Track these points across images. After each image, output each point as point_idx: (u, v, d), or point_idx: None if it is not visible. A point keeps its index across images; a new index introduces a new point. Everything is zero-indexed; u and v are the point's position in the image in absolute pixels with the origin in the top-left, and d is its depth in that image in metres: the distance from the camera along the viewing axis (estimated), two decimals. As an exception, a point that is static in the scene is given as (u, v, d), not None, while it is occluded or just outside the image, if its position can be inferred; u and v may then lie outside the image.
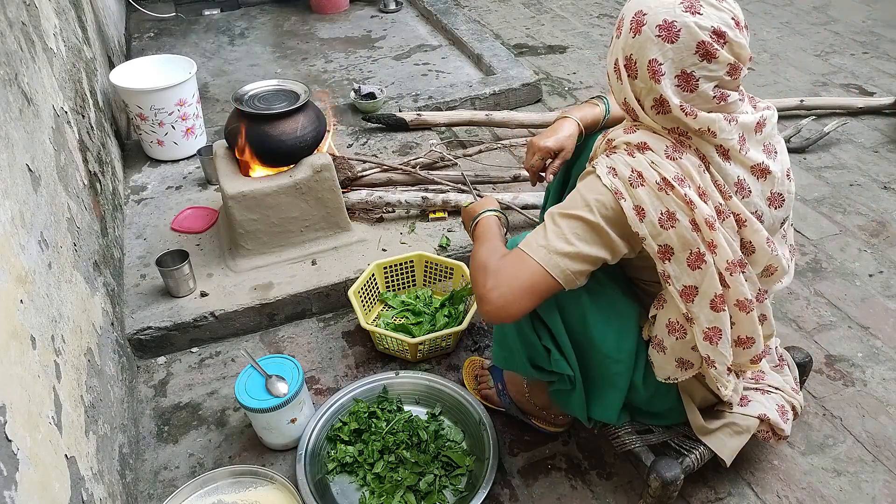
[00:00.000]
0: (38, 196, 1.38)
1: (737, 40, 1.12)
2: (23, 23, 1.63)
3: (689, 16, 1.09)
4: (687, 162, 1.16)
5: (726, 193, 1.18)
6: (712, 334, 1.22)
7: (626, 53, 1.16)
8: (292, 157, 2.02)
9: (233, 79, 3.49)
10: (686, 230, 1.14)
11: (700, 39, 1.09)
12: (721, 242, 1.16)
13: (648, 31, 1.11)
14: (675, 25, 1.09)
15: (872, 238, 2.33)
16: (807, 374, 1.66)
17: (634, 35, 1.14)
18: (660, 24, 1.10)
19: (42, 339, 1.19)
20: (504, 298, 1.16)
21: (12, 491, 0.92)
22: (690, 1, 1.10)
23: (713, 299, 1.19)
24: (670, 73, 1.12)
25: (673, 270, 1.19)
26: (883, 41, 3.79)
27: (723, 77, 1.13)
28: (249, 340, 2.00)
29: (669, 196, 1.14)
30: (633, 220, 1.15)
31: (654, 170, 1.15)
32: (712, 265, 1.17)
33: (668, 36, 1.10)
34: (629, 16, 1.15)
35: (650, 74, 1.13)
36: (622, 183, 1.16)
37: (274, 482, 1.53)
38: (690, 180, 1.15)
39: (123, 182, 2.52)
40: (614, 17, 4.18)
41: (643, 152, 1.17)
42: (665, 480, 1.36)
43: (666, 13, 1.10)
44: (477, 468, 1.56)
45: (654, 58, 1.12)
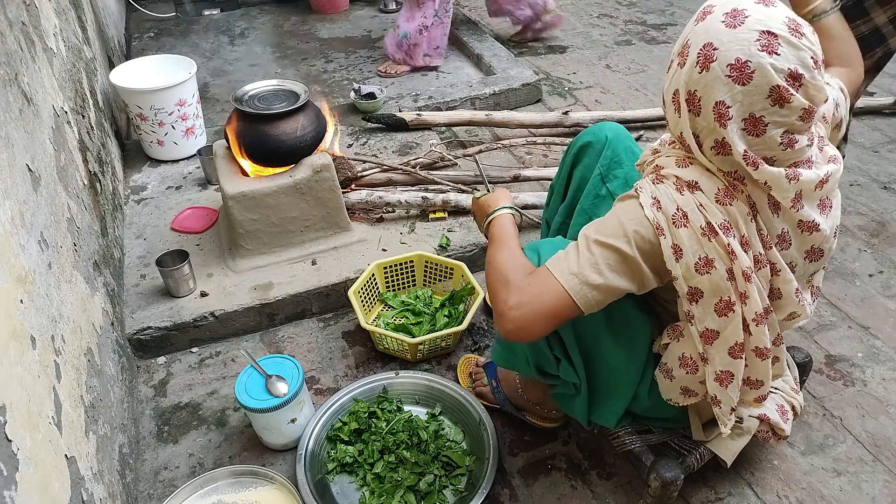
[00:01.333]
0: (38, 196, 1.38)
1: (813, 83, 1.01)
2: (23, 23, 1.63)
3: (765, 56, 0.99)
4: (736, 209, 1.10)
5: (768, 244, 1.14)
6: (724, 377, 1.21)
7: (690, 88, 1.06)
8: (292, 157, 2.02)
9: (233, 79, 3.49)
10: (721, 279, 1.11)
11: (774, 84, 0.99)
12: (753, 295, 1.12)
13: (718, 70, 1.01)
14: (749, 66, 0.99)
15: (872, 238, 2.33)
16: (807, 374, 1.66)
17: (701, 71, 1.03)
18: (731, 64, 1.00)
19: (42, 339, 1.19)
20: (527, 319, 1.12)
21: (12, 491, 0.92)
22: (768, 38, 0.99)
23: (733, 346, 1.17)
24: (738, 117, 1.03)
25: (698, 313, 1.16)
26: (883, 41, 3.78)
27: (794, 122, 1.04)
28: (249, 340, 2.00)
29: (711, 243, 1.09)
30: (669, 259, 1.11)
31: (701, 213, 1.09)
32: (739, 315, 1.14)
33: (740, 78, 1.00)
34: (697, 46, 1.04)
35: (715, 116, 1.04)
36: (665, 219, 1.10)
37: (274, 482, 1.53)
38: (736, 229, 1.10)
39: (123, 182, 2.52)
40: (614, 17, 4.19)
41: (693, 192, 1.11)
42: (665, 480, 1.36)
43: (740, 51, 1.00)
44: (477, 468, 1.56)
45: (722, 100, 1.02)
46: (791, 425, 1.46)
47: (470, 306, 1.92)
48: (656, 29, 4.03)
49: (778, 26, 1.00)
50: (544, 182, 2.53)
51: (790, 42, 1.00)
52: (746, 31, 1.00)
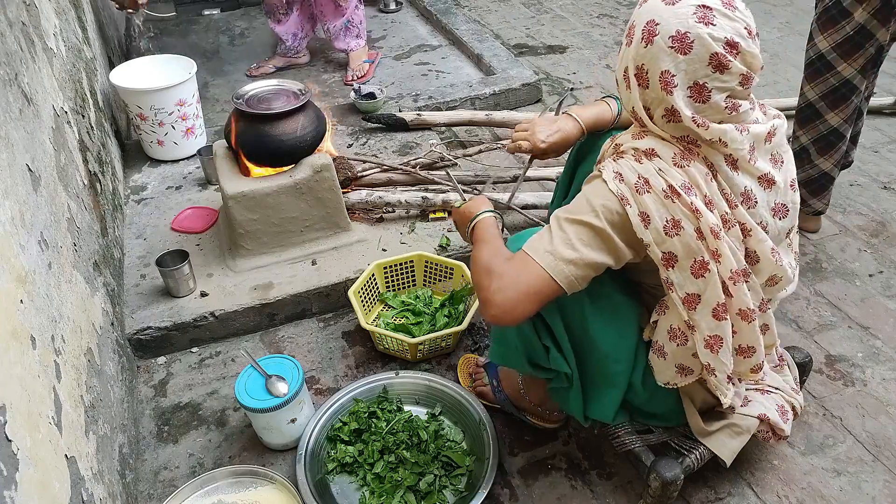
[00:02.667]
0: (38, 196, 1.38)
1: (749, 50, 1.10)
2: (23, 23, 1.63)
3: (702, 27, 1.07)
4: (694, 170, 1.15)
5: (732, 202, 1.18)
6: (713, 342, 1.22)
7: (637, 63, 1.14)
8: (292, 157, 2.02)
9: (233, 79, 3.49)
10: (691, 238, 1.14)
11: (714, 51, 1.08)
12: (725, 252, 1.16)
13: (661, 42, 1.10)
14: (689, 37, 1.08)
15: (872, 238, 2.33)
16: (807, 374, 1.66)
17: (646, 45, 1.12)
18: (672, 36, 1.09)
19: (42, 339, 1.19)
20: (509, 302, 1.16)
21: (12, 491, 0.92)
22: (704, 11, 1.08)
23: (715, 308, 1.19)
24: (683, 85, 1.11)
25: (676, 278, 1.19)
26: (883, 41, 3.78)
27: (735, 87, 1.12)
28: (249, 340, 2.00)
29: (675, 204, 1.14)
30: (639, 227, 1.15)
31: (661, 177, 1.14)
32: (716, 274, 1.17)
33: (681, 47, 1.08)
34: (640, 24, 1.13)
35: (662, 86, 1.12)
36: (628, 189, 1.15)
37: (274, 482, 1.53)
38: (697, 189, 1.14)
39: (123, 182, 2.52)
40: (614, 17, 4.19)
41: (651, 159, 1.17)
42: (665, 480, 1.36)
43: (679, 24, 1.08)
44: (477, 468, 1.56)
45: (667, 69, 1.10)
46: (791, 425, 1.47)
47: (470, 306, 1.92)
48: (656, 29, 4.02)
49: (712, 1, 1.09)
50: (545, 182, 2.53)
51: (724, 14, 1.09)
52: (684, 6, 1.10)
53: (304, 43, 3.50)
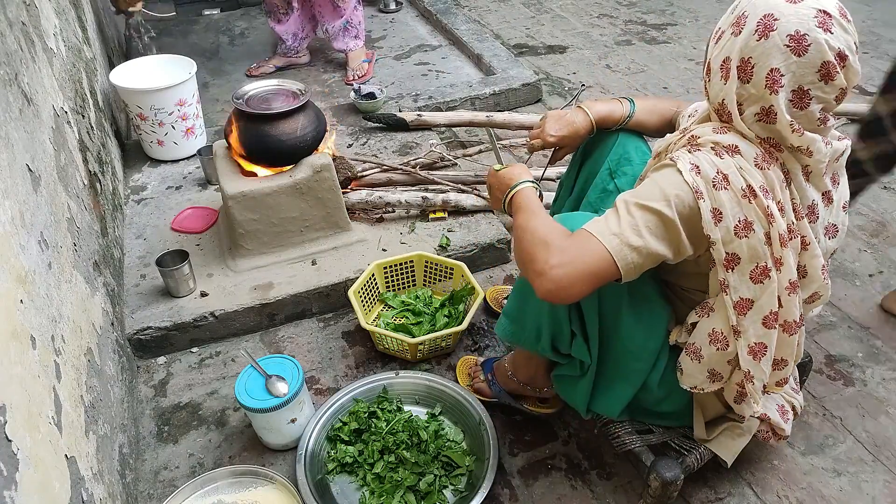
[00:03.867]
0: (38, 196, 1.38)
1: (854, 66, 1.08)
2: (23, 23, 1.63)
3: (821, 32, 1.05)
4: (773, 174, 1.13)
5: (799, 213, 1.17)
6: (758, 349, 1.21)
7: (744, 55, 1.10)
8: (292, 157, 2.02)
9: (233, 79, 3.49)
10: (759, 242, 1.13)
11: (826, 59, 1.06)
12: (788, 261, 1.15)
13: (777, 39, 1.06)
14: (807, 39, 1.05)
15: (872, 238, 2.33)
16: (807, 374, 1.66)
17: (760, 38, 1.08)
18: (791, 35, 1.05)
19: (42, 339, 1.19)
20: (567, 279, 1.11)
21: (12, 491, 0.92)
22: (824, 17, 1.05)
23: (767, 316, 1.18)
24: (788, 87, 1.09)
25: (734, 280, 1.17)
26: (883, 41, 3.79)
27: (831, 100, 1.10)
28: (249, 340, 2.00)
29: (752, 205, 1.12)
30: (709, 223, 1.12)
31: (742, 175, 1.12)
32: (775, 282, 1.16)
33: (797, 49, 1.05)
34: (755, 16, 1.09)
35: (768, 83, 1.09)
36: (704, 182, 1.12)
37: (274, 482, 1.53)
38: (773, 193, 1.13)
39: (123, 182, 2.52)
40: (614, 17, 4.19)
41: (732, 156, 1.14)
42: (665, 480, 1.36)
43: (799, 24, 1.05)
44: (477, 468, 1.56)
45: (777, 67, 1.07)
46: (791, 425, 1.46)
47: (470, 306, 1.91)
48: (656, 29, 4.03)
49: (832, 7, 1.07)
50: (544, 182, 2.53)
51: (841, 24, 1.07)
52: (806, 7, 1.06)
53: (304, 43, 3.50)
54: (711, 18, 4.15)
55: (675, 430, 1.47)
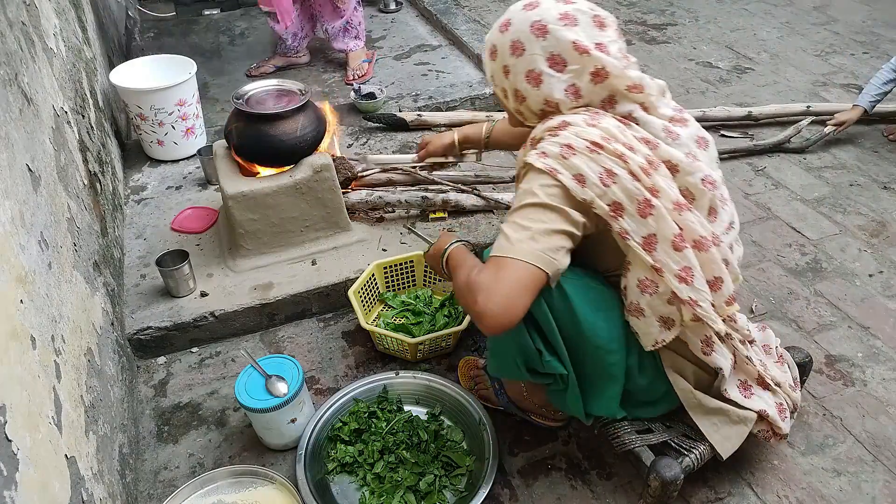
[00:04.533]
0: (38, 196, 1.38)
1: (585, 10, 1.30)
2: (23, 23, 1.63)
3: (563, 4, 1.27)
4: (606, 123, 1.24)
5: (653, 143, 1.25)
6: (685, 274, 1.24)
7: (547, 53, 1.25)
8: (292, 157, 2.02)
9: (233, 79, 3.49)
10: (627, 181, 1.20)
11: (594, 14, 1.28)
12: (661, 185, 1.22)
13: (553, 27, 1.24)
14: (568, 13, 1.25)
15: (872, 238, 2.33)
16: (807, 374, 1.66)
17: (543, 35, 1.25)
18: (554, 18, 1.25)
19: (42, 339, 1.19)
20: (499, 305, 1.16)
21: (12, 491, 0.92)
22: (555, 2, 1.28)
23: (673, 240, 1.22)
24: (592, 45, 1.25)
25: (628, 225, 1.22)
26: (883, 41, 3.79)
27: (617, 40, 1.30)
28: (249, 340, 2.00)
29: (602, 155, 1.20)
30: (577, 189, 1.20)
31: (580, 137, 1.22)
32: (661, 208, 1.21)
33: (569, 21, 1.25)
34: (525, 28, 1.27)
35: (580, 51, 1.24)
36: (554, 160, 1.22)
37: (274, 482, 1.53)
38: (615, 138, 1.22)
39: (123, 182, 2.52)
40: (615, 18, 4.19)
41: (566, 128, 1.25)
42: (665, 480, 1.36)
43: (547, 11, 1.26)
44: (477, 468, 1.56)
45: (576, 39, 1.24)
46: (790, 423, 1.46)
47: (470, 306, 1.91)
48: (656, 29, 4.03)
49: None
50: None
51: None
52: (542, 6, 1.29)
53: (304, 43, 3.50)
54: (711, 18, 4.15)
55: (676, 429, 1.47)
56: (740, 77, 3.45)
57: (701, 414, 1.43)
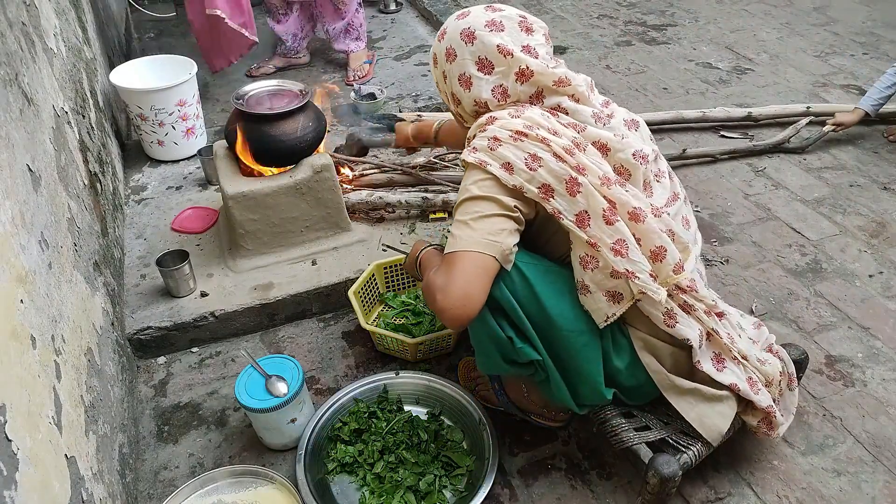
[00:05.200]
0: (39, 196, 1.38)
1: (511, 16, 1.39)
2: (23, 23, 1.63)
3: (483, 11, 1.37)
4: (530, 113, 1.31)
5: (580, 126, 1.33)
6: (619, 247, 1.27)
7: (475, 57, 1.35)
8: (292, 157, 2.02)
9: (233, 79, 3.49)
10: (552, 163, 1.27)
11: (519, 17, 1.37)
12: (586, 163, 1.28)
13: (480, 32, 1.34)
14: (495, 18, 1.35)
15: (872, 238, 2.33)
16: (803, 370, 1.65)
17: (470, 41, 1.35)
18: (481, 25, 1.34)
19: (42, 339, 1.19)
20: (456, 297, 1.24)
21: (12, 491, 0.92)
22: (483, 11, 1.38)
23: (604, 214, 1.26)
24: (517, 48, 1.33)
25: (559, 204, 1.28)
26: (883, 42, 3.79)
27: (545, 42, 1.38)
28: (249, 340, 2.00)
29: (525, 141, 1.28)
30: (505, 177, 1.27)
31: (505, 129, 1.30)
32: (588, 185, 1.26)
33: (495, 26, 1.34)
34: (455, 38, 1.37)
35: (504, 54, 1.33)
36: (483, 153, 1.30)
37: (274, 482, 1.53)
38: (538, 126, 1.29)
39: (124, 182, 2.52)
40: (614, 18, 4.19)
41: (492, 123, 1.33)
42: (663, 476, 1.36)
43: (475, 18, 1.36)
44: (477, 468, 1.56)
45: (500, 42, 1.33)
46: (766, 396, 1.44)
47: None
48: (656, 30, 4.03)
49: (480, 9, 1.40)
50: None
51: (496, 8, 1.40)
52: (470, 15, 1.39)
53: (303, 43, 3.51)
54: (711, 19, 4.15)
55: (673, 426, 1.47)
56: (740, 78, 3.45)
57: (676, 395, 1.43)
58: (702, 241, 1.48)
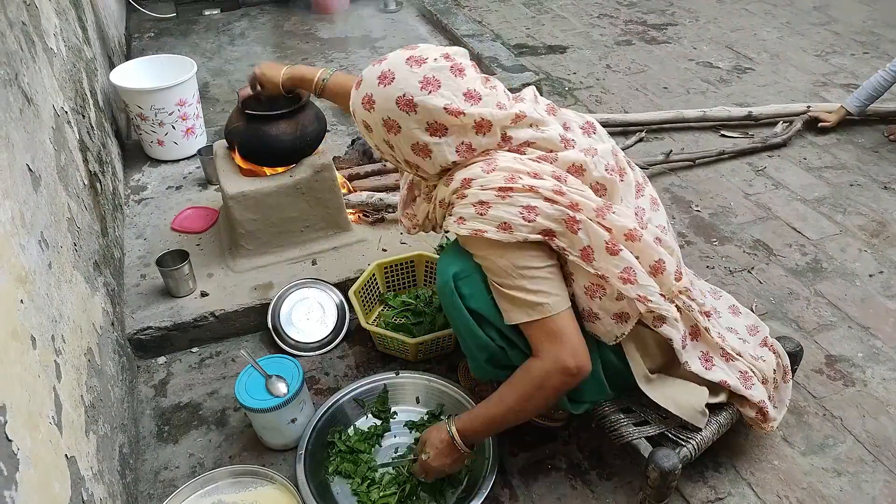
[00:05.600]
0: (39, 196, 1.38)
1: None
2: (23, 23, 1.63)
3: (441, 60, 1.26)
4: (504, 163, 1.26)
5: (552, 157, 1.29)
6: (626, 275, 1.27)
7: (424, 124, 1.25)
8: (292, 157, 2.02)
9: (233, 79, 3.49)
10: (547, 208, 1.23)
11: (449, 64, 1.26)
12: (578, 199, 1.24)
13: (421, 97, 1.23)
14: (426, 74, 1.24)
15: (872, 238, 2.33)
16: (797, 363, 1.65)
17: (412, 110, 1.24)
18: (419, 82, 1.23)
19: (42, 339, 1.19)
20: (581, 353, 1.26)
21: (12, 491, 0.92)
22: (433, 66, 1.25)
23: (607, 246, 1.25)
24: (462, 101, 1.24)
25: (564, 242, 1.26)
26: (883, 41, 3.79)
27: (478, 75, 1.30)
28: (249, 340, 2.00)
29: (514, 195, 1.23)
30: (506, 237, 1.23)
31: (487, 189, 1.24)
32: (586, 220, 1.24)
33: (432, 84, 1.23)
34: (391, 105, 1.24)
35: (454, 114, 1.23)
36: (473, 221, 1.25)
37: (274, 482, 1.53)
38: (517, 174, 1.24)
39: (123, 182, 2.52)
40: (614, 17, 4.19)
41: (469, 186, 1.26)
42: (663, 470, 1.36)
43: (404, 82, 1.23)
44: (477, 468, 1.55)
45: (444, 105, 1.23)
46: (759, 391, 1.45)
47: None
48: (656, 29, 4.03)
49: (434, 54, 1.28)
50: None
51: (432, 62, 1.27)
52: (424, 67, 1.26)
53: None
54: (711, 18, 4.15)
55: (672, 420, 1.47)
56: (740, 77, 3.45)
57: (645, 382, 1.43)
58: (699, 239, 1.48)
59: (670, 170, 2.71)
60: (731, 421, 1.49)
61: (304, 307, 1.97)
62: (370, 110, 1.28)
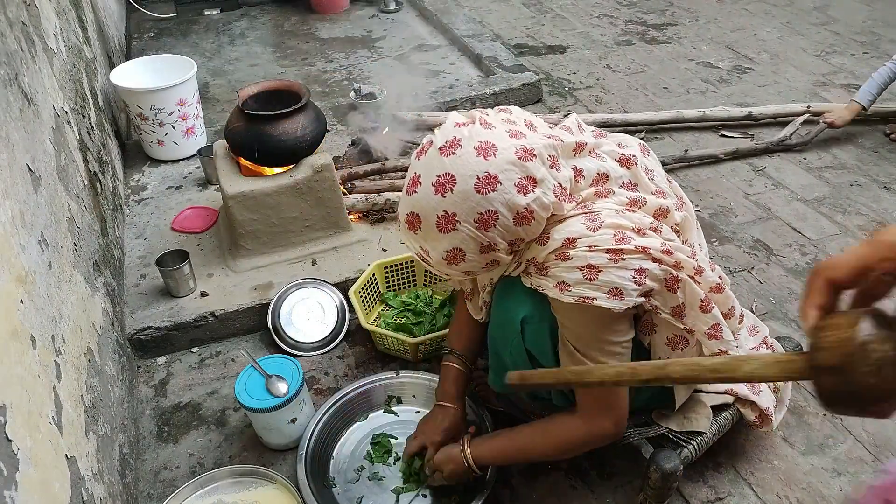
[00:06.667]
0: (39, 196, 1.38)
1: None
2: (23, 23, 1.63)
3: (482, 159, 1.11)
4: (609, 218, 1.16)
5: (640, 201, 1.22)
6: (713, 331, 1.26)
7: (487, 208, 1.10)
8: (292, 157, 2.02)
9: (233, 79, 3.49)
10: (656, 270, 1.17)
11: (516, 149, 1.13)
12: (681, 258, 1.20)
13: (470, 191, 1.09)
14: (493, 159, 1.10)
15: (873, 238, 2.32)
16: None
17: (493, 225, 1.12)
18: (481, 176, 1.09)
19: (42, 339, 1.19)
20: (623, 419, 1.29)
21: (12, 491, 0.92)
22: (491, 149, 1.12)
23: (701, 304, 1.23)
24: (535, 192, 1.12)
25: (658, 301, 1.23)
26: (883, 41, 3.79)
27: (541, 126, 1.22)
28: (249, 340, 2.00)
29: (627, 259, 1.14)
30: (617, 304, 1.14)
31: (597, 252, 1.13)
32: (686, 279, 1.21)
33: (524, 188, 1.12)
34: (472, 221, 1.11)
35: (521, 188, 1.11)
36: (581, 287, 1.14)
37: (274, 482, 1.53)
38: (623, 230, 1.15)
39: (123, 182, 2.52)
40: (614, 17, 4.19)
41: (573, 247, 1.15)
42: (665, 471, 1.36)
43: (462, 166, 1.10)
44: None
45: (525, 204, 1.11)
46: (768, 398, 1.45)
47: (470, 306, 1.91)
48: (656, 29, 4.03)
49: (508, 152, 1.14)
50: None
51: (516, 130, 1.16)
52: (501, 153, 1.12)
53: None
54: (711, 18, 4.15)
55: (672, 419, 1.46)
56: (740, 77, 3.45)
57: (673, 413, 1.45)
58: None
59: (670, 170, 2.71)
60: (732, 421, 1.49)
61: (304, 307, 1.97)
62: (447, 232, 1.13)
